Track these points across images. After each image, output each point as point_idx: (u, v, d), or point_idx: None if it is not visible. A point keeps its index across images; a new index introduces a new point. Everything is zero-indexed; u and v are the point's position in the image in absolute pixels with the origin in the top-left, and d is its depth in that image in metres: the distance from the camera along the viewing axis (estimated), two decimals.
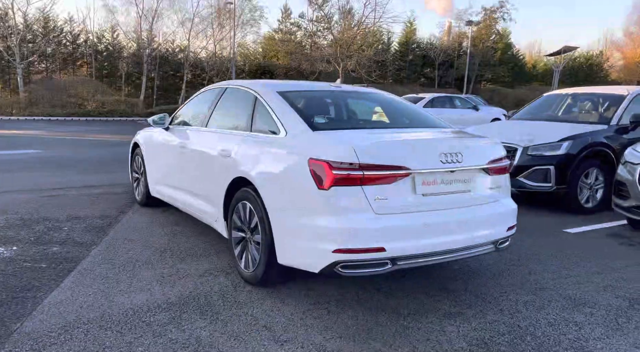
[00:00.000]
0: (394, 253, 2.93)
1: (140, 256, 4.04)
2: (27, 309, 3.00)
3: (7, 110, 24.29)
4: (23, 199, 5.95)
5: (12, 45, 26.47)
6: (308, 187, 2.94)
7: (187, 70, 29.25)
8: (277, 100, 3.60)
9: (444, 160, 3.10)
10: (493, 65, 42.73)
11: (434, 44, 41.99)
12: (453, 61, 41.81)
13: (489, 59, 41.87)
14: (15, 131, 16.29)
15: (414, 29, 43.85)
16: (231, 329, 2.85)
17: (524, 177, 6.04)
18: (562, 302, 3.41)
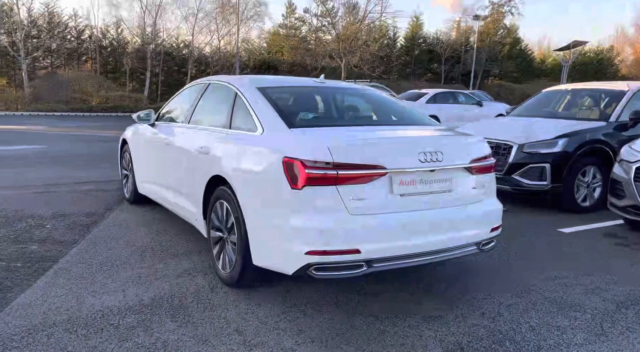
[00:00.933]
0: (370, 255, 2.84)
1: (119, 255, 3.98)
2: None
3: (12, 106, 24.39)
4: (11, 195, 5.91)
5: (17, 41, 26.56)
6: (282, 186, 2.85)
7: (191, 66, 29.21)
8: (255, 96, 3.51)
9: (423, 159, 3.00)
10: (500, 61, 42.34)
11: (440, 39, 41.66)
12: (460, 56, 41.47)
13: (497, 54, 41.49)
14: (17, 126, 16.32)
15: (421, 24, 43.55)
16: (201, 332, 2.78)
17: (519, 175, 5.91)
18: (547, 305, 3.30)
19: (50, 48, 28.56)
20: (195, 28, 29.18)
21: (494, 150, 6.05)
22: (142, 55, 27.70)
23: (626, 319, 3.12)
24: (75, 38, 29.62)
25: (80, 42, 29.69)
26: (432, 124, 3.80)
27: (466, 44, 41.75)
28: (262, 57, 31.87)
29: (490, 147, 6.03)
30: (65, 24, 29.33)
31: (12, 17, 26.99)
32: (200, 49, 30.14)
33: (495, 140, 6.17)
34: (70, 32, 29.53)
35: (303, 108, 3.67)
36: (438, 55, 40.70)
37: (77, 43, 29.63)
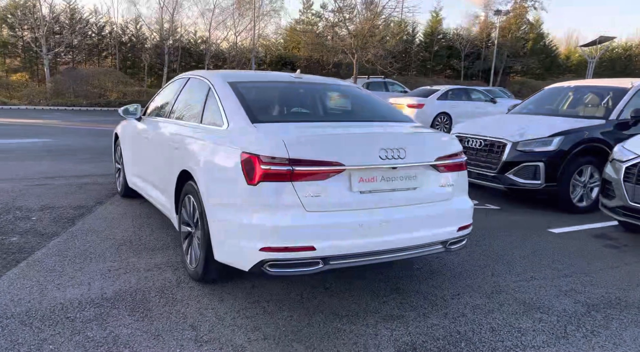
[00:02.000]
0: (326, 252, 2.81)
1: (96, 248, 4.03)
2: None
3: (34, 100, 24.93)
4: (6, 187, 6.04)
5: (39, 37, 27.12)
6: (239, 182, 2.84)
7: (208, 62, 29.42)
8: (225, 90, 3.50)
9: (384, 156, 2.95)
10: (523, 57, 41.47)
11: (460, 35, 41.03)
12: (480, 52, 40.81)
13: (519, 50, 40.67)
14: (33, 120, 16.68)
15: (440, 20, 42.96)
16: (156, 327, 2.79)
17: (513, 174, 5.79)
18: (515, 306, 3.23)
19: (71, 44, 29.08)
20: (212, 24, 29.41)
21: (488, 148, 5.97)
22: (160, 51, 28.01)
23: (593, 323, 3.03)
24: (96, 34, 30.11)
25: (100, 38, 30.17)
26: (406, 121, 3.74)
27: (487, 39, 41.03)
28: (278, 52, 31.93)
29: (485, 145, 6.04)
30: (86, 21, 29.84)
31: (35, 14, 27.55)
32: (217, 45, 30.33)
33: (489, 138, 6.06)
34: (91, 29, 30.04)
35: (273, 103, 3.65)
36: (458, 52, 40.11)
37: (97, 39, 30.12)
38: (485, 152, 6.07)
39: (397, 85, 21.77)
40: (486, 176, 6.04)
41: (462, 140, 6.42)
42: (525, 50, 41.51)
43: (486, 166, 6.03)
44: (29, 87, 27.43)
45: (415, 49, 40.60)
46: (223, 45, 30.70)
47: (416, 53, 40.44)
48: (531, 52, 42.03)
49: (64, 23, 29.07)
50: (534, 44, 42.52)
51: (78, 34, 29.36)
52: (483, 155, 6.10)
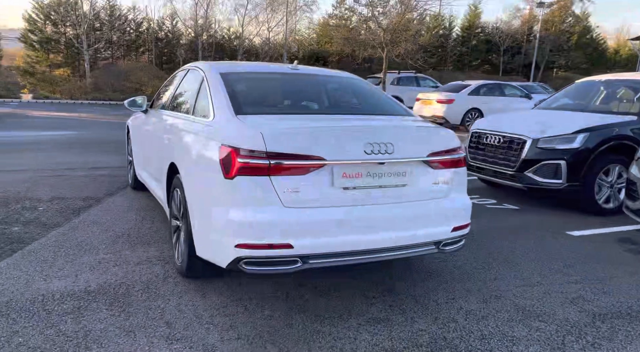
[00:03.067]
0: (304, 251, 2.69)
1: (93, 240, 4.03)
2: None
3: (75, 95, 25.77)
4: (25, 177, 6.18)
5: (80, 33, 27.97)
6: (217, 175, 2.75)
7: (241, 57, 29.65)
8: (215, 82, 3.41)
9: (369, 151, 2.79)
10: (567, 51, 39.84)
11: (500, 29, 39.79)
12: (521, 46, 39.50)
13: (563, 43, 39.10)
14: (70, 114, 17.21)
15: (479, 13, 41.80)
16: (130, 323, 2.73)
17: (532, 173, 5.48)
18: (512, 313, 3.01)
19: (110, 40, 29.88)
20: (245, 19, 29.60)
21: (507, 145, 5.69)
22: (194, 47, 28.44)
23: (596, 334, 2.79)
24: (133, 30, 30.83)
25: (138, 35, 30.87)
26: (404, 115, 3.55)
27: (528, 33, 39.66)
28: (311, 48, 31.84)
29: (503, 141, 5.75)
30: (125, 17, 30.58)
31: (77, 11, 28.42)
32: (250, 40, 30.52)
33: (508, 134, 5.77)
34: (129, 25, 30.77)
35: (262, 95, 3.54)
36: (496, 46, 38.97)
37: (135, 35, 30.83)
38: (504, 149, 5.78)
39: (429, 80, 21.29)
40: (504, 174, 5.75)
41: (481, 137, 6.15)
42: (570, 44, 39.88)
43: (504, 164, 5.74)
44: (71, 82, 28.36)
45: (452, 44, 39.68)
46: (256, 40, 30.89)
47: (453, 48, 39.53)
48: (576, 46, 40.34)
49: (104, 20, 29.87)
50: (579, 38, 40.78)
51: (117, 31, 30.12)
52: (501, 152, 5.81)
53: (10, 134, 10.85)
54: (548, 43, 37.13)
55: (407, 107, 3.86)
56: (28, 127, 12.37)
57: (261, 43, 30.50)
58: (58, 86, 27.15)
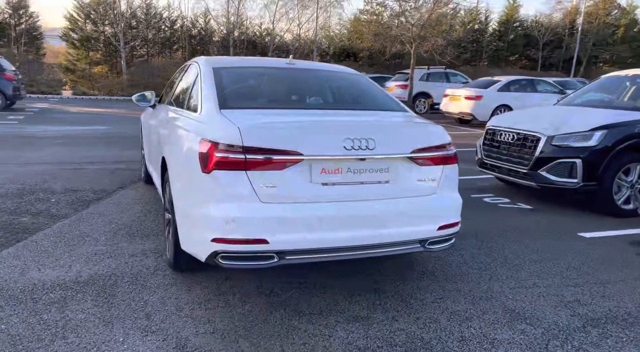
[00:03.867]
0: (280, 246, 2.67)
1: (95, 231, 4.14)
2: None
3: (112, 91, 26.56)
4: (45, 170, 6.40)
5: (117, 32, 28.78)
6: (196, 169, 2.77)
7: (272, 53, 29.84)
8: (207, 76, 3.43)
9: (349, 146, 2.75)
10: (612, 45, 38.24)
11: (539, 22, 38.54)
12: (562, 40, 38.16)
13: (606, 37, 37.54)
14: (105, 109, 17.73)
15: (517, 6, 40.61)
16: (111, 314, 2.78)
17: (546, 171, 5.29)
18: (499, 315, 2.91)
19: (146, 38, 30.61)
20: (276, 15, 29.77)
21: (521, 143, 5.52)
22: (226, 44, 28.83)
23: (584, 340, 2.66)
24: (168, 28, 31.47)
25: (172, 32, 31.49)
26: (398, 111, 3.48)
27: (570, 26, 38.28)
28: (342, 44, 31.73)
29: (517, 139, 5.57)
30: (160, 15, 31.25)
31: (115, 10, 29.24)
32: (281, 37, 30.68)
33: (522, 131, 5.58)
34: (165, 23, 31.42)
35: (252, 89, 3.53)
36: (535, 40, 37.81)
37: (169, 33, 31.46)
38: (518, 146, 5.60)
39: (460, 76, 20.83)
40: (517, 172, 5.57)
41: (495, 134, 5.98)
42: (615, 38, 38.27)
43: (518, 162, 5.56)
44: (108, 78, 29.23)
45: (488, 38, 38.74)
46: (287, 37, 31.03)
47: (488, 42, 38.59)
48: (622, 39, 38.66)
49: (140, 18, 30.60)
50: (626, 31, 39.04)
51: (152, 28, 30.82)
52: (515, 150, 5.63)
53: (43, 128, 11.26)
54: (591, 36, 35.74)
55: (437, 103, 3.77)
56: (61, 122, 12.81)
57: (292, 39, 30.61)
58: (96, 83, 28.03)
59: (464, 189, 6.28)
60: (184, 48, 30.79)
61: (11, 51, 29.38)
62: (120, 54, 29.29)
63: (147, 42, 31.05)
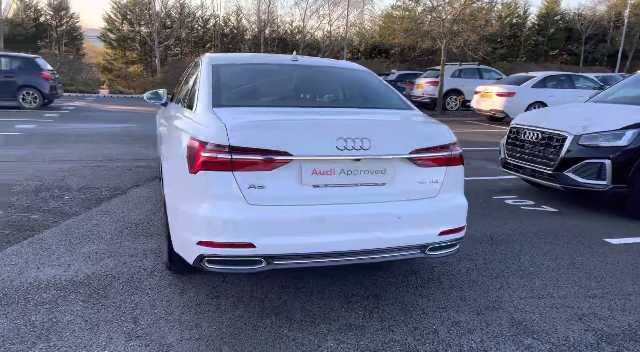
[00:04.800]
0: (267, 251, 2.56)
1: (101, 230, 4.13)
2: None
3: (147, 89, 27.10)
4: (65, 168, 6.50)
5: (152, 31, 29.35)
6: (184, 169, 2.68)
7: (302, 51, 29.82)
8: (205, 73, 3.35)
9: (342, 146, 2.60)
10: None
11: (582, 15, 37.03)
12: (606, 34, 36.58)
13: None
14: (136, 107, 18.06)
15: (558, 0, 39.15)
16: (99, 316, 2.73)
17: (573, 172, 4.98)
18: (504, 327, 2.71)
19: (180, 37, 31.11)
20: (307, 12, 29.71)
21: (545, 142, 5.23)
22: (257, 42, 28.99)
23: None
24: (201, 27, 31.89)
25: (205, 31, 31.89)
26: (403, 109, 3.30)
27: (616, 19, 36.64)
28: (373, 40, 31.39)
29: (542, 138, 5.28)
30: (194, 14, 31.69)
31: (150, 10, 29.83)
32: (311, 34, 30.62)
33: (547, 130, 5.28)
34: (198, 22, 31.85)
35: (249, 87, 3.42)
36: (578, 34, 36.36)
37: (202, 31, 31.87)
38: (542, 146, 5.30)
39: (494, 72, 20.20)
40: (542, 173, 5.28)
41: (519, 132, 5.69)
42: None
43: (542, 162, 5.26)
44: (143, 77, 29.86)
45: (527, 33, 37.52)
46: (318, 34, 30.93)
47: (527, 37, 37.38)
48: None
49: (174, 18, 31.11)
50: None
51: (186, 28, 31.29)
52: (539, 149, 5.33)
53: (74, 126, 11.53)
54: (638, 29, 34.10)
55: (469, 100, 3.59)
56: (93, 119, 13.11)
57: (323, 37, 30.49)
58: (132, 81, 28.69)
59: (486, 190, 6.03)
60: (216, 46, 31.11)
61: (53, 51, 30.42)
62: (155, 53, 29.88)
63: (181, 41, 31.55)
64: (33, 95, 15.37)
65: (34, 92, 15.35)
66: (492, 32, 23.47)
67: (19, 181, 5.69)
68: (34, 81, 15.32)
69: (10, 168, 6.39)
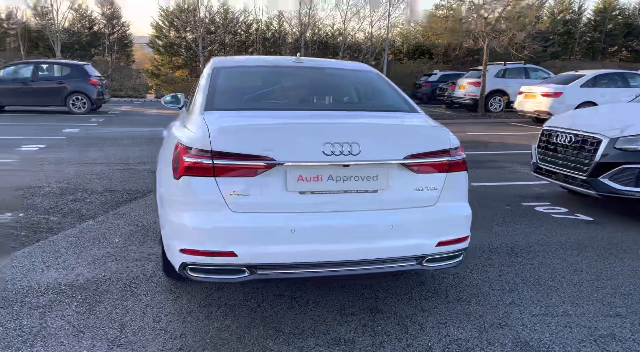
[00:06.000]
0: (250, 260, 2.46)
1: (112, 233, 4.17)
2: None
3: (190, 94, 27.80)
4: (94, 170, 6.67)
5: (197, 37, 30.09)
6: (169, 175, 2.63)
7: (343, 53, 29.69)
8: (205, 77, 3.31)
9: (329, 151, 2.47)
10: None
11: None
12: None
13: None
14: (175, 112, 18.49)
15: None
16: (87, 322, 2.72)
17: (608, 178, 4.61)
18: (506, 348, 2.50)
19: (223, 42, 31.72)
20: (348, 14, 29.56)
21: (579, 145, 4.88)
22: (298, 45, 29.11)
23: None
24: (244, 32, 32.38)
25: (247, 36, 32.36)
26: (406, 112, 3.12)
27: None
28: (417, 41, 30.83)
29: (575, 141, 4.93)
30: (237, 19, 32.24)
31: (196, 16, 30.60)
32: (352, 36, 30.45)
33: (581, 133, 4.92)
34: (241, 27, 32.36)
35: (246, 90, 3.33)
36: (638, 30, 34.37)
37: (245, 36, 32.36)
38: (576, 149, 4.94)
39: (542, 71, 19.36)
40: (575, 179, 4.92)
41: (551, 135, 5.34)
42: None
43: (575, 167, 4.91)
44: (188, 82, 30.63)
45: (582, 29, 35.84)
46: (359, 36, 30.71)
47: (582, 34, 35.70)
48: None
49: (219, 23, 31.77)
50: None
51: (229, 33, 31.87)
52: (573, 153, 4.98)
53: (115, 129, 11.90)
54: None
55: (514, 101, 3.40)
56: (134, 123, 13.49)
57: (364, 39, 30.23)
58: (178, 86, 29.49)
59: (516, 196, 5.71)
60: (258, 50, 31.48)
61: (105, 58, 31.77)
62: (199, 58, 30.60)
63: (224, 46, 32.16)
64: (82, 100, 16.00)
65: (82, 97, 15.99)
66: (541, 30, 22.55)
67: (48, 183, 5.88)
68: (83, 87, 15.97)
69: (44, 171, 6.62)
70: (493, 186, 6.30)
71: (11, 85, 15.43)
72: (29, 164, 7.15)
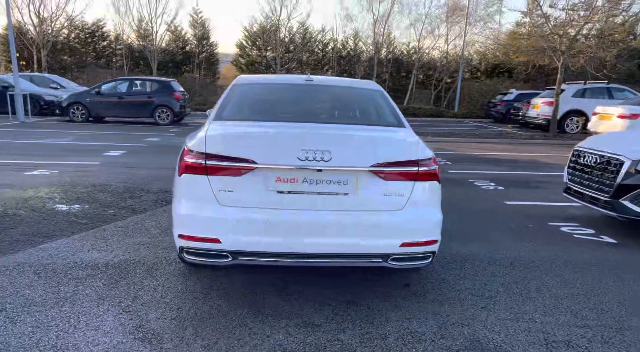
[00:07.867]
0: (233, 247, 2.91)
1: (154, 226, 4.81)
2: (18, 247, 4.05)
3: None
4: (154, 174, 7.49)
5: (276, 56, 31.61)
6: (177, 173, 3.16)
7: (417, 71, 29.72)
8: (226, 92, 3.85)
9: (304, 157, 2.87)
10: None
11: None
12: None
13: None
14: None
15: None
16: (109, 293, 3.28)
17: (630, 200, 4.55)
18: (457, 343, 2.74)
19: (301, 60, 33.02)
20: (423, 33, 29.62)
21: (603, 166, 4.87)
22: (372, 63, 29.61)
23: None
24: (320, 50, 33.48)
25: (324, 54, 33.42)
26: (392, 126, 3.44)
27: None
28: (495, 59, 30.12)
29: (600, 162, 4.94)
30: (315, 39, 33.45)
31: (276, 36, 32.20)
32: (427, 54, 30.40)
33: (605, 154, 4.89)
34: (318, 46, 33.52)
35: (253, 104, 3.78)
36: None
37: (322, 54, 33.44)
38: (600, 171, 4.91)
39: (627, 91, 18.23)
40: (598, 200, 4.88)
41: (580, 156, 5.31)
42: None
43: (599, 188, 4.88)
44: None
45: None
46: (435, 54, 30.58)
47: None
48: None
49: (297, 43, 33.14)
50: None
51: (307, 51, 33.10)
52: (597, 174, 4.94)
53: None
54: None
55: None
56: None
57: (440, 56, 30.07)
58: None
59: (547, 216, 5.69)
60: (333, 68, 32.39)
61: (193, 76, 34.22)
62: None
63: (302, 64, 33.44)
64: (166, 112, 17.54)
65: (166, 110, 17.53)
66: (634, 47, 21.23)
67: (115, 182, 6.75)
68: (168, 101, 17.52)
69: (116, 172, 7.56)
70: (528, 205, 6.28)
71: (110, 98, 17.35)
72: (108, 166, 8.15)
